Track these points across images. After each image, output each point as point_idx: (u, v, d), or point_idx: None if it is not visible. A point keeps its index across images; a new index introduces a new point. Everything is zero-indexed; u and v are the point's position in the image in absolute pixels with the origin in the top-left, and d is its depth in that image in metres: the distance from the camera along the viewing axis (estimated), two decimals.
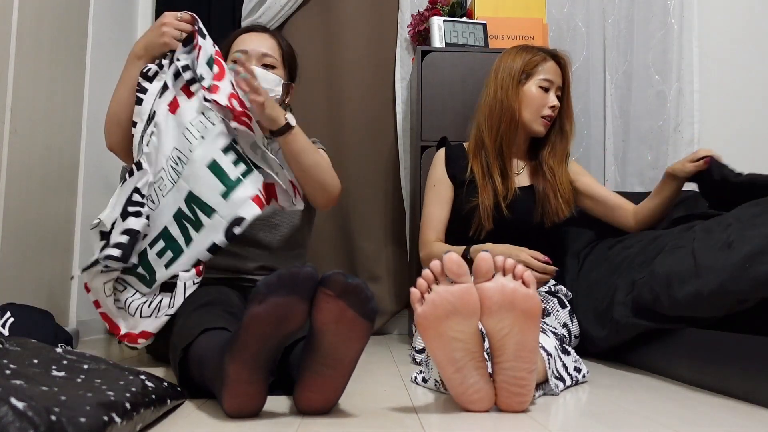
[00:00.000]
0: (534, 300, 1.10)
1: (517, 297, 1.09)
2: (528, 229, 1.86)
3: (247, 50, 1.68)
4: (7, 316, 1.52)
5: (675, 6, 2.74)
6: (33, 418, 0.72)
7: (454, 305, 1.09)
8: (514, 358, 1.10)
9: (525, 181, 1.92)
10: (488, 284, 1.10)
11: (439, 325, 1.09)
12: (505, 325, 1.09)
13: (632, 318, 1.59)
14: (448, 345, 1.10)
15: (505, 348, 1.10)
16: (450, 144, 2.00)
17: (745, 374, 1.26)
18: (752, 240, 1.31)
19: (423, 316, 1.10)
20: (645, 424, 1.08)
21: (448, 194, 1.91)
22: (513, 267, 1.11)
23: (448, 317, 1.09)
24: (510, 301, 1.09)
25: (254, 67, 1.59)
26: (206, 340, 1.20)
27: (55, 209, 2.09)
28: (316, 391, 1.08)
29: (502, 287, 1.10)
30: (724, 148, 2.77)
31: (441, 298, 1.09)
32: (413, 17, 2.58)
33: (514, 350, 1.10)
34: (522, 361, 1.10)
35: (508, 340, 1.10)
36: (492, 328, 1.11)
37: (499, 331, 1.10)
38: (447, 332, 1.09)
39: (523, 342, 1.10)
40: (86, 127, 2.27)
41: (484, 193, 1.84)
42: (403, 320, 2.68)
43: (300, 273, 1.01)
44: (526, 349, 1.10)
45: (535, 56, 1.91)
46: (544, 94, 1.88)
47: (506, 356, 1.10)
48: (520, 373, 1.11)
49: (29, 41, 1.89)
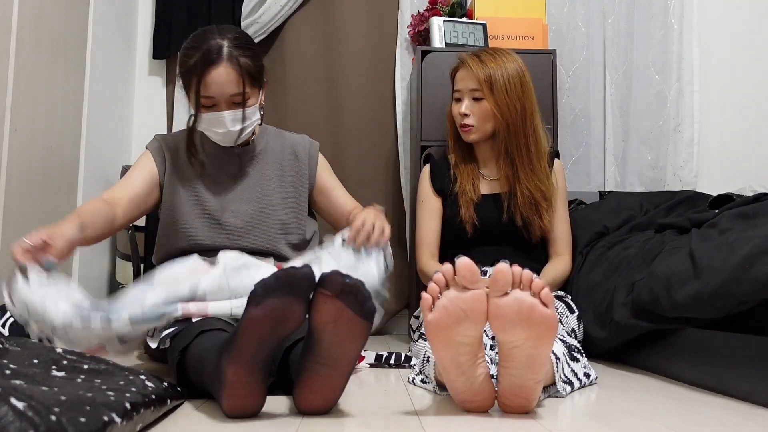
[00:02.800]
0: (552, 320, 1.07)
1: (533, 314, 1.06)
2: (507, 233, 1.86)
3: (214, 97, 1.52)
4: (7, 316, 1.52)
5: (675, 6, 2.74)
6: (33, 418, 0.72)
7: (466, 312, 1.07)
8: (523, 367, 1.09)
9: (495, 188, 1.92)
10: (504, 300, 1.07)
11: (449, 332, 1.08)
12: (518, 339, 1.07)
13: (632, 319, 1.59)
14: (455, 350, 1.10)
15: (515, 357, 1.09)
16: (434, 159, 2.03)
17: (745, 374, 1.26)
18: (752, 240, 1.31)
19: (434, 324, 1.08)
20: (645, 424, 1.07)
21: (437, 207, 1.93)
22: (529, 281, 1.08)
23: (459, 323, 1.08)
24: (526, 318, 1.06)
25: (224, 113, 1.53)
26: (203, 341, 1.20)
27: (55, 209, 2.09)
28: (316, 391, 1.08)
29: (518, 304, 1.06)
30: (723, 148, 2.81)
31: (453, 305, 1.07)
32: (413, 17, 2.58)
33: (524, 361, 1.08)
34: (531, 372, 1.09)
35: (518, 351, 1.08)
36: (504, 339, 1.09)
37: (511, 343, 1.08)
38: (455, 338, 1.09)
39: (534, 355, 1.08)
40: (86, 127, 2.27)
41: (461, 200, 1.87)
42: (403, 320, 2.68)
43: (297, 274, 1.01)
44: (537, 362, 1.09)
45: (451, 70, 1.95)
46: (457, 105, 1.90)
47: (515, 364, 1.09)
48: (527, 383, 1.10)
49: (29, 41, 1.89)
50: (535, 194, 1.83)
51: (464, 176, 1.90)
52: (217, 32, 1.56)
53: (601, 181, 2.71)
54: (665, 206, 2.09)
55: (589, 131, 2.72)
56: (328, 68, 2.70)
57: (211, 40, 1.53)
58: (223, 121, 1.54)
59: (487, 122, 1.86)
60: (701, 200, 2.04)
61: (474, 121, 1.85)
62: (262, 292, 1.00)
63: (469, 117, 1.85)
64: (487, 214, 1.86)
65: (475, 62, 1.85)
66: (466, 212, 1.84)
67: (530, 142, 1.84)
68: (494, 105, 1.82)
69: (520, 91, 1.83)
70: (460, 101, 1.88)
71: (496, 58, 1.85)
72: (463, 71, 1.88)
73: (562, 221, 1.91)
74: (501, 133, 1.84)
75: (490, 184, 1.93)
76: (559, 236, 1.90)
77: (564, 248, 1.90)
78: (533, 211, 1.83)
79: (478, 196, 1.87)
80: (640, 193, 2.36)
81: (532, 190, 1.83)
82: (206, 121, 1.55)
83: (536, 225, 1.83)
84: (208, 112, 1.54)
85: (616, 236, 1.96)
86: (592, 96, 2.73)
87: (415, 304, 2.24)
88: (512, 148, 1.84)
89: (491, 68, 1.82)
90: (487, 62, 1.84)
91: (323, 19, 2.71)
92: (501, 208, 1.86)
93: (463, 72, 1.88)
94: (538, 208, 1.84)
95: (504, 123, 1.82)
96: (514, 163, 1.84)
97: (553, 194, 1.88)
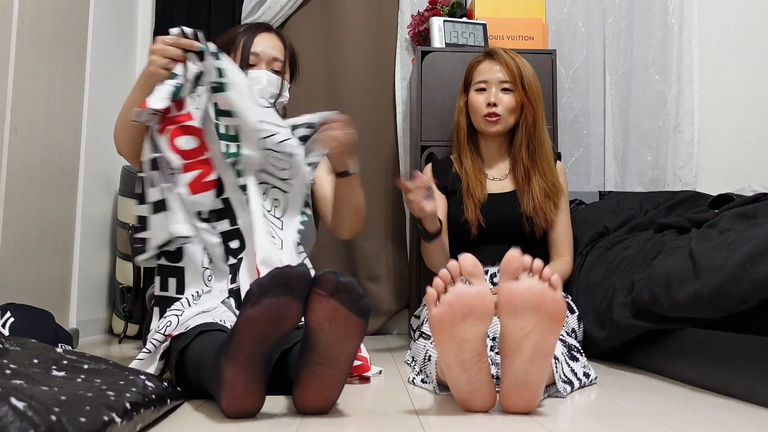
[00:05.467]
0: (561, 304, 1.08)
1: (545, 299, 1.07)
2: (512, 233, 1.86)
3: (259, 55, 1.67)
4: (7, 316, 1.52)
5: (675, 6, 2.74)
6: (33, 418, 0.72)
7: (470, 308, 1.08)
8: (528, 360, 1.09)
9: (507, 187, 1.93)
10: (515, 284, 1.09)
11: (453, 327, 1.09)
12: (527, 325, 1.08)
13: (632, 319, 1.59)
14: (459, 346, 1.10)
15: (521, 349, 1.09)
16: (437, 158, 2.04)
17: (745, 374, 1.26)
18: (752, 240, 1.31)
19: (438, 318, 1.09)
20: (645, 424, 1.08)
21: (442, 202, 1.93)
22: (541, 268, 1.09)
23: (464, 319, 1.08)
24: (537, 302, 1.07)
25: (263, 72, 1.65)
26: (202, 342, 1.20)
27: (55, 209, 2.09)
28: (315, 391, 1.08)
29: (530, 287, 1.08)
30: (723, 148, 2.81)
31: (458, 300, 1.08)
32: (413, 17, 2.58)
33: (530, 352, 1.09)
34: (536, 365, 1.09)
35: (526, 341, 1.09)
36: (512, 328, 1.09)
37: (520, 331, 1.09)
38: (459, 334, 1.09)
39: (541, 345, 1.09)
40: (86, 127, 2.27)
41: (467, 200, 1.87)
42: (403, 320, 2.68)
43: (292, 273, 1.01)
44: (542, 353, 1.09)
45: (472, 62, 1.97)
46: (482, 95, 1.91)
47: (521, 357, 1.09)
48: (532, 377, 1.10)
49: (29, 41, 1.89)
50: (549, 187, 1.87)
51: (470, 177, 1.90)
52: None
53: (601, 181, 2.71)
54: (665, 206, 2.09)
55: (589, 131, 2.72)
56: (328, 68, 2.70)
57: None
58: (261, 78, 1.64)
59: (511, 115, 1.89)
60: (701, 200, 2.05)
61: (502, 111, 1.88)
62: (258, 291, 1.00)
63: (498, 107, 1.87)
64: (493, 214, 1.86)
65: (506, 55, 1.90)
66: (472, 213, 1.84)
67: (546, 138, 1.90)
68: (524, 98, 1.87)
69: (539, 90, 1.90)
70: (485, 92, 1.90)
71: (519, 57, 1.91)
72: (491, 63, 1.91)
73: (564, 222, 1.92)
74: (528, 126, 1.88)
75: (496, 184, 1.93)
76: (561, 237, 1.91)
77: (565, 249, 1.91)
78: (546, 200, 1.86)
79: (484, 197, 1.87)
80: (640, 193, 2.36)
81: (547, 183, 1.87)
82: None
83: (542, 218, 1.85)
84: (248, 69, 1.65)
85: (616, 236, 1.96)
86: (592, 96, 2.73)
87: (415, 304, 2.24)
88: (535, 141, 1.89)
89: (519, 63, 1.88)
90: (514, 57, 1.90)
91: (323, 19, 2.71)
92: (510, 205, 1.87)
93: (490, 63, 1.91)
94: (550, 200, 1.87)
95: (531, 116, 1.87)
96: (535, 156, 1.88)
97: (559, 192, 1.90)
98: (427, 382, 1.38)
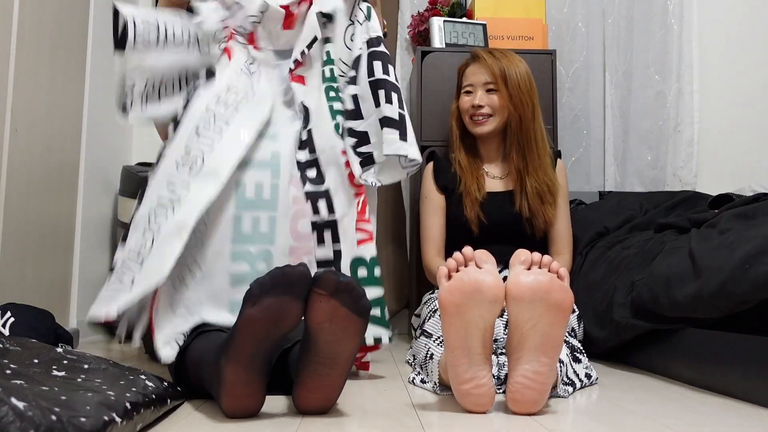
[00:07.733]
0: (568, 294, 1.12)
1: (553, 287, 1.11)
2: (513, 232, 1.86)
3: None
4: (7, 316, 1.52)
5: (675, 6, 2.74)
6: (33, 418, 0.72)
7: (480, 284, 1.10)
8: (536, 351, 1.10)
9: (507, 185, 1.92)
10: (524, 274, 1.13)
11: (462, 305, 1.10)
12: (534, 314, 1.10)
13: (632, 319, 1.59)
14: (466, 329, 1.11)
15: (529, 340, 1.11)
16: (438, 157, 2.04)
17: (745, 374, 1.26)
18: (752, 240, 1.31)
19: (448, 291, 1.11)
20: (645, 424, 1.08)
21: (441, 203, 1.93)
22: (549, 262, 1.14)
23: (473, 297, 1.10)
24: (546, 291, 1.10)
25: None
26: (202, 342, 1.20)
27: (55, 209, 2.09)
28: (315, 390, 1.08)
29: (538, 276, 1.12)
30: (723, 148, 2.81)
31: (469, 276, 1.11)
32: (413, 18, 2.58)
33: (538, 342, 1.10)
34: (544, 355, 1.11)
35: (533, 332, 1.10)
36: (520, 318, 1.11)
37: (527, 321, 1.10)
38: (467, 314, 1.10)
39: (549, 335, 1.10)
40: (86, 127, 2.27)
41: (465, 198, 1.87)
42: (403, 320, 2.67)
43: (292, 273, 1.01)
44: (550, 343, 1.11)
45: (460, 66, 1.99)
46: (468, 98, 1.92)
47: (528, 348, 1.11)
48: (541, 368, 1.11)
49: (29, 41, 1.89)
50: (543, 187, 1.86)
51: (468, 176, 1.90)
52: None
53: (601, 181, 2.71)
54: (665, 206, 2.09)
55: (589, 131, 2.72)
56: None
57: None
58: None
59: (500, 114, 1.89)
60: (701, 200, 2.05)
61: (489, 111, 1.89)
62: (258, 291, 1.00)
63: (483, 108, 1.88)
64: (493, 212, 1.86)
65: (490, 57, 1.91)
66: (471, 211, 1.84)
67: (538, 137, 1.89)
68: (508, 98, 1.87)
69: (530, 88, 1.89)
70: (471, 94, 1.91)
71: (507, 56, 1.91)
72: (476, 66, 1.92)
73: (564, 220, 1.92)
74: (514, 126, 1.88)
75: (495, 183, 1.93)
76: (560, 235, 1.91)
77: (564, 247, 1.91)
78: (540, 203, 1.86)
79: (483, 195, 1.87)
80: (640, 193, 2.36)
81: (540, 183, 1.86)
82: None
83: (541, 218, 1.85)
84: None
85: (616, 236, 1.96)
86: (592, 96, 2.73)
87: (415, 303, 2.24)
88: (524, 141, 1.88)
89: (504, 64, 1.89)
90: (500, 58, 1.90)
91: None
92: (510, 204, 1.87)
93: (475, 66, 1.92)
94: (544, 201, 1.86)
95: (517, 116, 1.87)
96: (525, 156, 1.88)
97: (557, 191, 1.89)
98: (427, 381, 1.39)
